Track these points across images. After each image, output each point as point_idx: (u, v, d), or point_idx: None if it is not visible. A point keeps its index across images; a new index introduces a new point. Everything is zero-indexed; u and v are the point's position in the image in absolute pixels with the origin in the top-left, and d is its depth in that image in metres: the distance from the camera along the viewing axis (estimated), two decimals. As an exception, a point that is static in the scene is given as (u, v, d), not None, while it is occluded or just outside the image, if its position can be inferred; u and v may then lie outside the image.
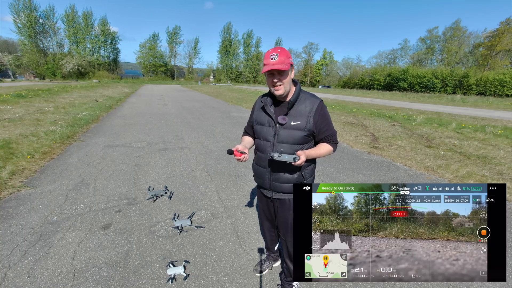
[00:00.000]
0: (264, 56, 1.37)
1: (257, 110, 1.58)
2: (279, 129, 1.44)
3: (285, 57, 1.32)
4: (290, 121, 1.42)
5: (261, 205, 1.81)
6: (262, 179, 1.60)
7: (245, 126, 1.78)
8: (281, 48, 1.34)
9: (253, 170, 1.69)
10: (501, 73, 37.09)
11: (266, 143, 1.50)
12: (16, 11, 47.29)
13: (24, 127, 6.70)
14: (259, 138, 1.56)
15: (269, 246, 2.03)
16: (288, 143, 1.43)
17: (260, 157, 1.56)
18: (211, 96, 21.31)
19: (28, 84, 30.90)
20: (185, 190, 3.47)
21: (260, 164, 1.58)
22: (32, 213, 2.77)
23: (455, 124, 8.95)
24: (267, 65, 1.33)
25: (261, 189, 1.70)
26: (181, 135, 6.73)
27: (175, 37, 65.48)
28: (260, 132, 1.53)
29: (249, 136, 1.72)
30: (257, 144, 1.60)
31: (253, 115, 1.62)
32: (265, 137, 1.50)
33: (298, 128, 1.41)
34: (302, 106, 1.43)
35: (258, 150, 1.58)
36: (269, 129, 1.48)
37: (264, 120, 1.51)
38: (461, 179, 4.12)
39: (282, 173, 1.49)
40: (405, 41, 61.22)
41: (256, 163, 1.63)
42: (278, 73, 1.35)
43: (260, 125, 1.54)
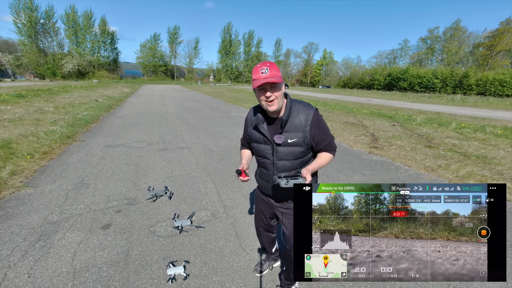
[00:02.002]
0: (252, 71, 1.30)
1: (250, 127, 1.52)
2: (276, 147, 1.40)
3: (276, 70, 1.26)
4: (286, 139, 1.37)
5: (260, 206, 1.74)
6: (267, 191, 1.59)
7: (241, 138, 1.73)
8: (270, 62, 1.28)
9: (257, 182, 1.67)
10: (501, 73, 37.08)
11: (266, 161, 1.48)
12: (16, 11, 47.30)
13: (24, 127, 6.70)
14: (257, 155, 1.54)
15: (267, 249, 2.00)
16: (289, 160, 1.40)
17: (263, 172, 1.55)
18: (211, 96, 21.31)
19: (28, 84, 30.91)
20: (185, 190, 3.47)
21: (264, 178, 1.56)
22: (32, 213, 2.77)
23: (455, 124, 8.95)
24: (257, 79, 1.26)
25: (264, 196, 1.67)
26: (181, 135, 6.73)
27: (175, 37, 65.51)
28: (258, 150, 1.50)
29: (247, 149, 1.69)
30: (257, 159, 1.58)
31: (248, 131, 1.56)
32: (264, 155, 1.48)
33: (295, 145, 1.38)
34: (297, 120, 1.37)
35: (260, 165, 1.57)
36: (266, 147, 1.44)
37: (260, 139, 1.46)
38: (461, 179, 4.12)
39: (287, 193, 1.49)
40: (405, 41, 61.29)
41: (259, 177, 1.61)
42: (271, 87, 1.28)
43: (256, 143, 1.50)
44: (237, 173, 1.39)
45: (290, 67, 77.75)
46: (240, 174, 1.39)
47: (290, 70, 77.82)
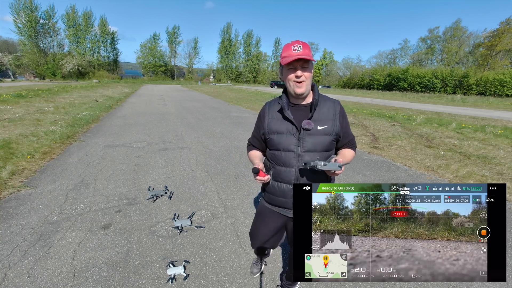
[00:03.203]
0: (283, 48, 1.21)
1: (270, 117, 1.35)
2: (303, 136, 1.25)
3: (309, 50, 1.17)
4: (316, 126, 1.25)
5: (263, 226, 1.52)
6: (283, 197, 1.35)
7: (250, 139, 1.53)
8: (303, 42, 1.18)
9: (268, 190, 1.41)
10: (501, 73, 37.08)
11: (289, 154, 1.28)
12: (16, 11, 47.31)
13: (24, 127, 6.70)
14: (277, 149, 1.31)
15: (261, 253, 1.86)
16: (316, 151, 1.26)
17: (281, 171, 1.32)
18: (211, 96, 21.31)
19: (28, 84, 30.91)
20: (185, 190, 3.47)
21: (282, 180, 1.32)
22: (32, 213, 2.77)
23: (455, 124, 8.95)
24: (289, 56, 1.16)
25: (275, 208, 1.44)
26: (181, 135, 6.73)
27: (174, 37, 65.51)
28: (279, 142, 1.29)
29: (257, 150, 1.48)
30: (275, 156, 1.34)
31: (264, 124, 1.36)
32: (287, 147, 1.28)
33: (326, 133, 1.26)
34: (325, 108, 1.28)
35: (278, 163, 1.33)
36: (290, 138, 1.27)
37: (282, 127, 1.29)
38: (461, 179, 4.12)
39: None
40: (405, 41, 61.33)
41: (273, 180, 1.37)
42: (302, 66, 1.18)
43: (277, 134, 1.30)
44: (254, 172, 1.22)
45: (290, 67, 77.65)
46: (258, 173, 1.22)
47: (290, 70, 77.72)
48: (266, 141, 1.40)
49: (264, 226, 1.52)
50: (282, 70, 1.28)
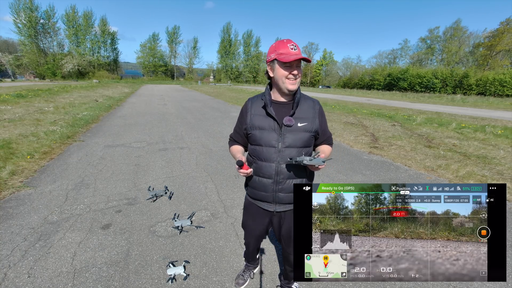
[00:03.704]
0: (277, 45, 1.24)
1: (252, 113, 1.39)
2: (284, 132, 1.30)
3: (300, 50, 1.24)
4: (296, 123, 1.31)
5: (252, 219, 1.58)
6: (264, 191, 1.40)
7: (232, 134, 1.57)
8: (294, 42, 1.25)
9: (251, 184, 1.46)
10: (501, 73, 37.09)
11: (270, 149, 1.32)
12: (16, 11, 47.31)
13: (24, 127, 6.70)
14: (259, 145, 1.36)
15: (251, 257, 1.89)
16: (296, 147, 1.31)
17: (263, 166, 1.36)
18: (211, 96, 21.31)
19: (28, 84, 30.91)
20: (185, 190, 3.47)
21: (263, 175, 1.37)
22: (32, 213, 2.77)
23: (455, 124, 8.95)
24: (288, 54, 1.20)
25: (257, 202, 1.49)
26: (181, 135, 6.73)
27: (174, 37, 65.52)
28: (261, 138, 1.34)
29: (239, 145, 1.52)
30: (256, 151, 1.38)
31: (247, 119, 1.40)
32: (268, 143, 1.32)
33: (305, 130, 1.32)
34: (305, 106, 1.35)
35: (259, 158, 1.37)
36: (272, 133, 1.32)
37: (264, 123, 1.33)
38: (461, 179, 4.12)
39: (290, 180, 1.35)
40: (405, 41, 61.33)
41: (255, 174, 1.41)
42: (297, 65, 1.24)
43: (259, 129, 1.35)
44: (239, 165, 1.24)
45: (290, 67, 77.63)
46: (242, 165, 1.25)
47: (290, 70, 77.72)
48: (248, 136, 1.44)
49: (252, 221, 1.59)
50: (273, 66, 1.28)
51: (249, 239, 1.72)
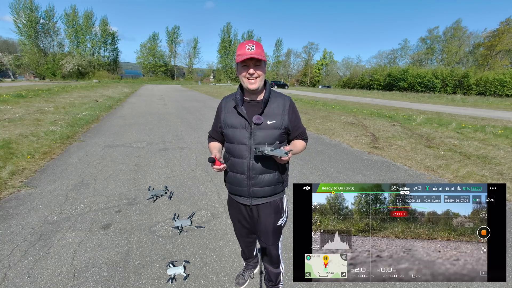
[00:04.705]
0: (238, 47, 1.29)
1: (225, 112, 1.45)
2: (254, 130, 1.35)
3: (261, 49, 1.27)
4: (266, 121, 1.35)
5: (235, 214, 1.66)
6: (239, 186, 1.46)
7: (210, 131, 1.65)
8: (256, 42, 1.28)
9: (228, 180, 1.53)
10: (501, 73, 37.06)
11: (242, 147, 1.38)
12: (16, 11, 47.29)
13: (24, 127, 6.70)
14: (232, 142, 1.42)
15: (247, 254, 1.91)
16: (266, 144, 1.35)
17: (236, 163, 1.42)
18: (211, 96, 21.32)
19: (28, 84, 30.89)
20: (185, 190, 3.47)
21: (237, 171, 1.43)
22: (32, 213, 2.77)
23: (455, 124, 8.95)
24: (242, 54, 1.25)
25: (235, 196, 1.55)
26: (181, 135, 6.73)
27: (174, 37, 65.50)
28: (233, 136, 1.40)
29: (216, 142, 1.60)
30: (230, 149, 1.45)
31: (221, 118, 1.47)
32: (240, 141, 1.38)
33: (275, 127, 1.36)
34: (275, 104, 1.39)
35: (233, 155, 1.43)
36: (243, 132, 1.37)
37: (236, 122, 1.39)
38: (461, 179, 4.12)
39: (263, 175, 1.40)
40: (405, 41, 61.18)
41: (230, 170, 1.48)
42: (255, 65, 1.28)
43: (231, 128, 1.40)
44: (210, 162, 1.27)
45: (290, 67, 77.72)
46: (214, 162, 1.28)
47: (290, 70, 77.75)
48: (222, 134, 1.51)
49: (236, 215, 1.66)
50: (237, 67, 1.34)
51: (238, 232, 1.78)
